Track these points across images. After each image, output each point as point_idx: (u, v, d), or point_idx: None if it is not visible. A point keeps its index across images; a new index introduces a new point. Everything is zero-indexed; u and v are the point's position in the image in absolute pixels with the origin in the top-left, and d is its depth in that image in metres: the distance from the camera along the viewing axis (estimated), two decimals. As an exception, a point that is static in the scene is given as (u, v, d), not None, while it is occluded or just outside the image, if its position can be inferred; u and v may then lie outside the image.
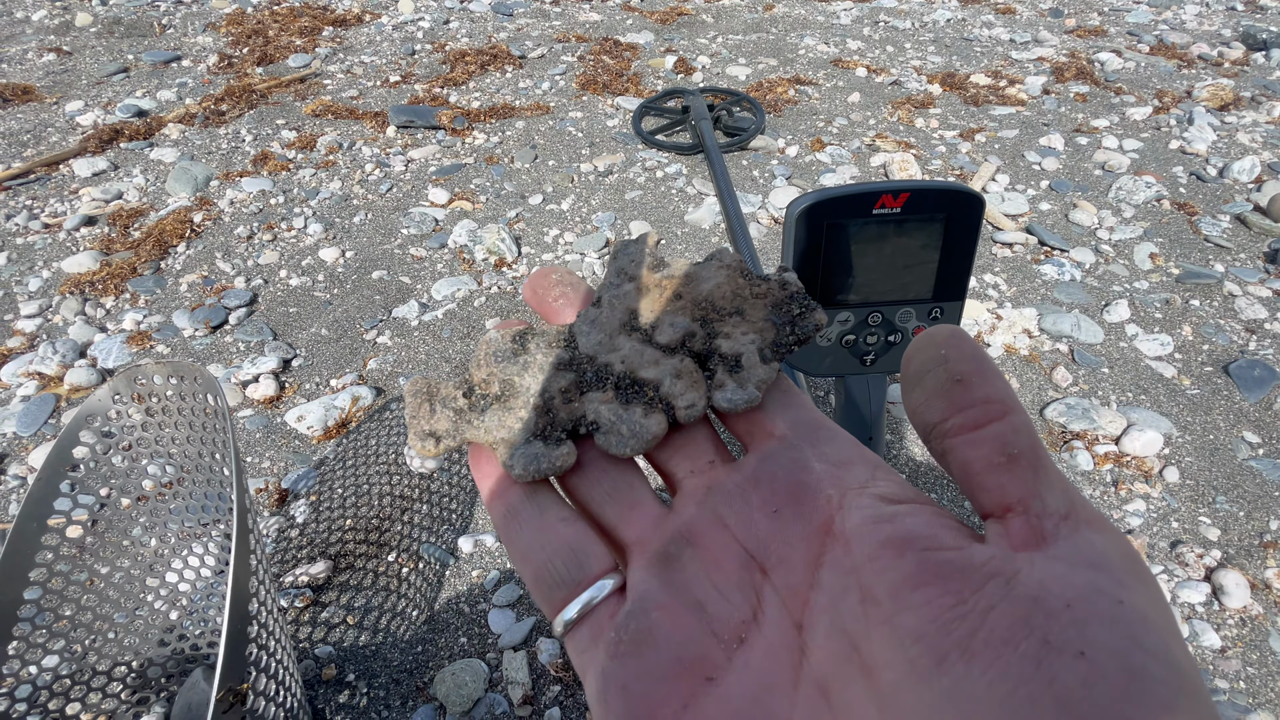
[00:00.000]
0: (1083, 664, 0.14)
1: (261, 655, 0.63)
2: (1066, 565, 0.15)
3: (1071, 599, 0.15)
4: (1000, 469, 0.17)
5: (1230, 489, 1.11)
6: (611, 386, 0.22)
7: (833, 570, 0.17)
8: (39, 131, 2.03)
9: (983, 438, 0.17)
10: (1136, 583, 0.15)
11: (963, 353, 0.18)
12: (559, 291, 0.24)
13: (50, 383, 1.29)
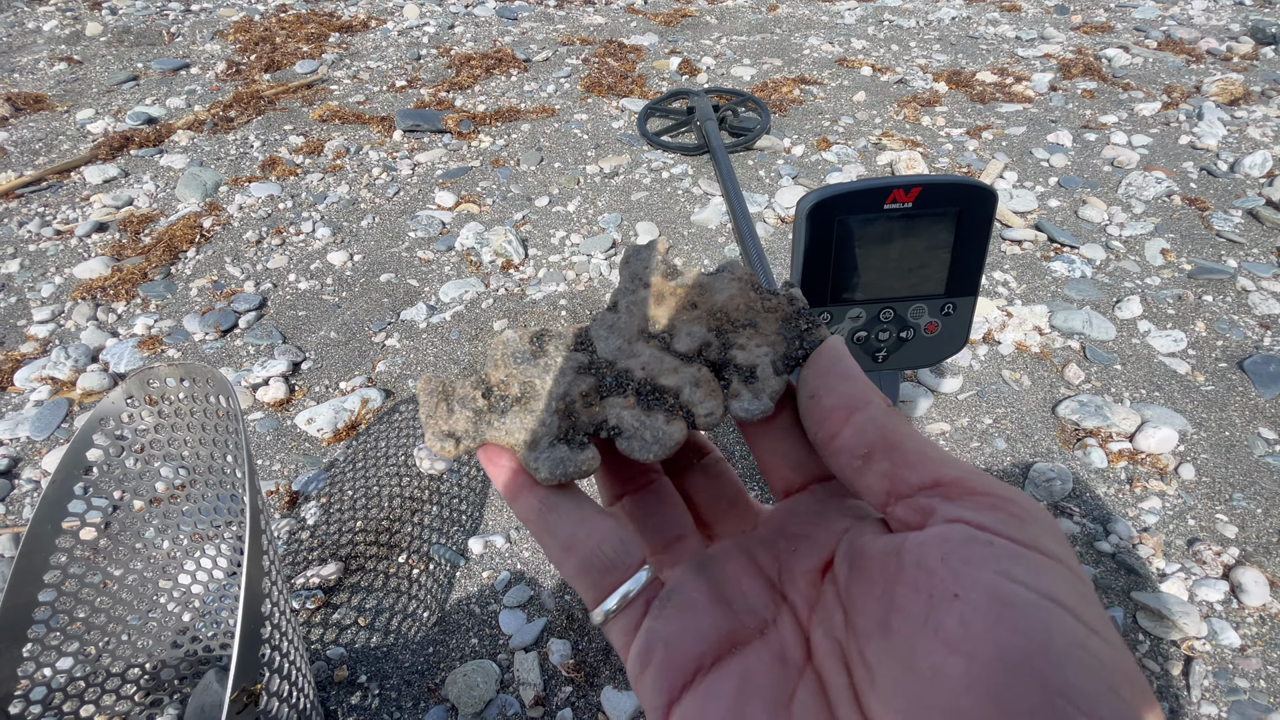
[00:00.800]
0: (958, 604, 0.15)
1: (274, 656, 0.63)
2: (944, 527, 0.17)
3: (946, 553, 0.16)
4: (860, 471, 0.19)
5: (1247, 486, 1.10)
6: (633, 392, 0.22)
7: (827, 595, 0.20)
8: (51, 139, 2.05)
9: (839, 447, 0.20)
10: (1007, 522, 0.17)
11: (817, 368, 0.21)
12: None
13: (63, 387, 1.30)
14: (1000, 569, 0.15)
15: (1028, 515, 0.17)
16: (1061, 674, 0.14)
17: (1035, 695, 0.14)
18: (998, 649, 0.14)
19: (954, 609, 0.15)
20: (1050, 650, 0.14)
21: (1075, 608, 0.15)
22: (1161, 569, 1.00)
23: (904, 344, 0.61)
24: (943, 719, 0.15)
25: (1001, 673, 0.14)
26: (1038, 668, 0.14)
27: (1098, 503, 1.09)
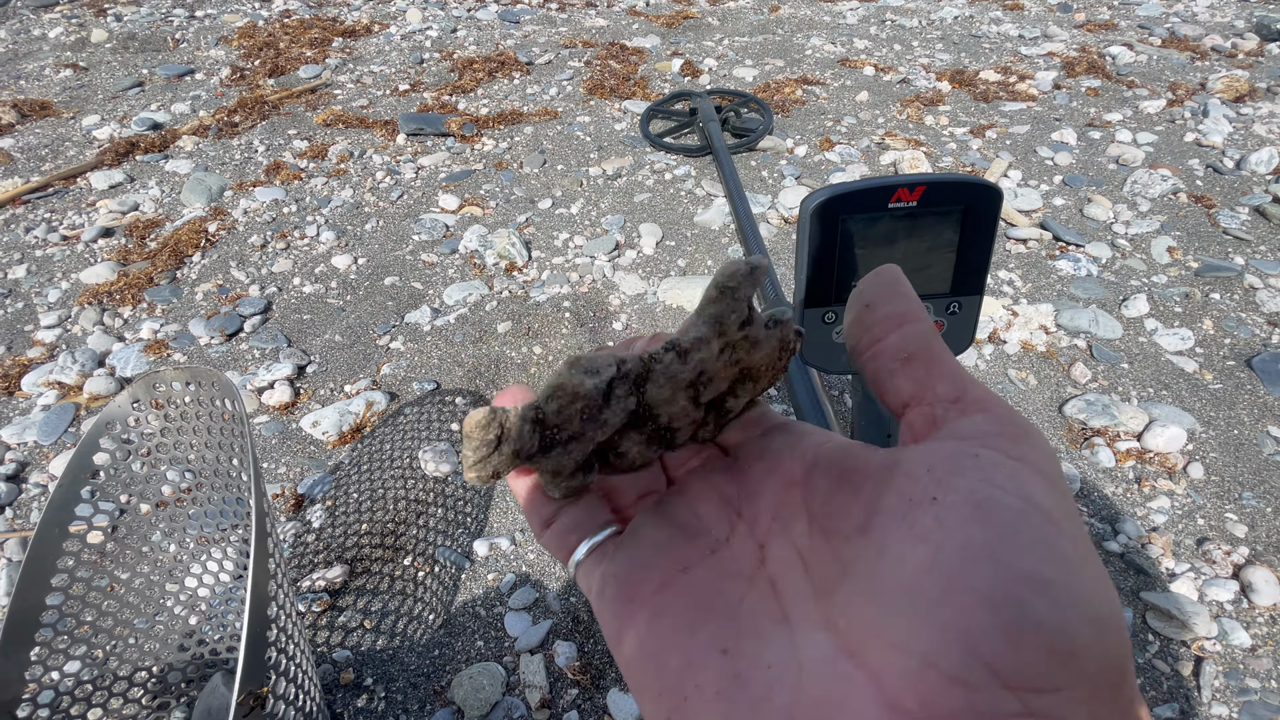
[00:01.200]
0: (936, 507, 0.16)
1: (281, 659, 0.63)
2: (939, 442, 0.18)
3: (933, 464, 0.17)
4: (896, 372, 0.20)
5: (1256, 485, 1.09)
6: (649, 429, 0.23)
7: (789, 506, 0.21)
8: (57, 146, 2.06)
9: (882, 349, 0.20)
10: (1002, 441, 0.17)
11: (876, 282, 0.21)
12: None
13: (70, 392, 1.31)
14: (982, 476, 0.16)
15: (1021, 433, 0.18)
16: (1022, 562, 0.14)
17: (994, 577, 0.14)
18: (965, 539, 0.15)
19: (931, 509, 0.16)
20: (1016, 541, 0.15)
21: (1050, 511, 0.15)
22: (1171, 569, 0.99)
23: (909, 343, 0.61)
24: (902, 595, 0.15)
25: (965, 558, 0.15)
26: (1000, 555, 0.14)
27: (1106, 502, 1.08)
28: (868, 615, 0.16)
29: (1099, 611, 0.14)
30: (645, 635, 0.20)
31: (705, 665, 0.18)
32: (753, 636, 0.18)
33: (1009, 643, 0.14)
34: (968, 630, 0.14)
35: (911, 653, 0.15)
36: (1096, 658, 0.14)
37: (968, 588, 0.14)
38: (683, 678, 0.18)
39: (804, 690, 0.16)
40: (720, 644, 0.18)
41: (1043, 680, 0.13)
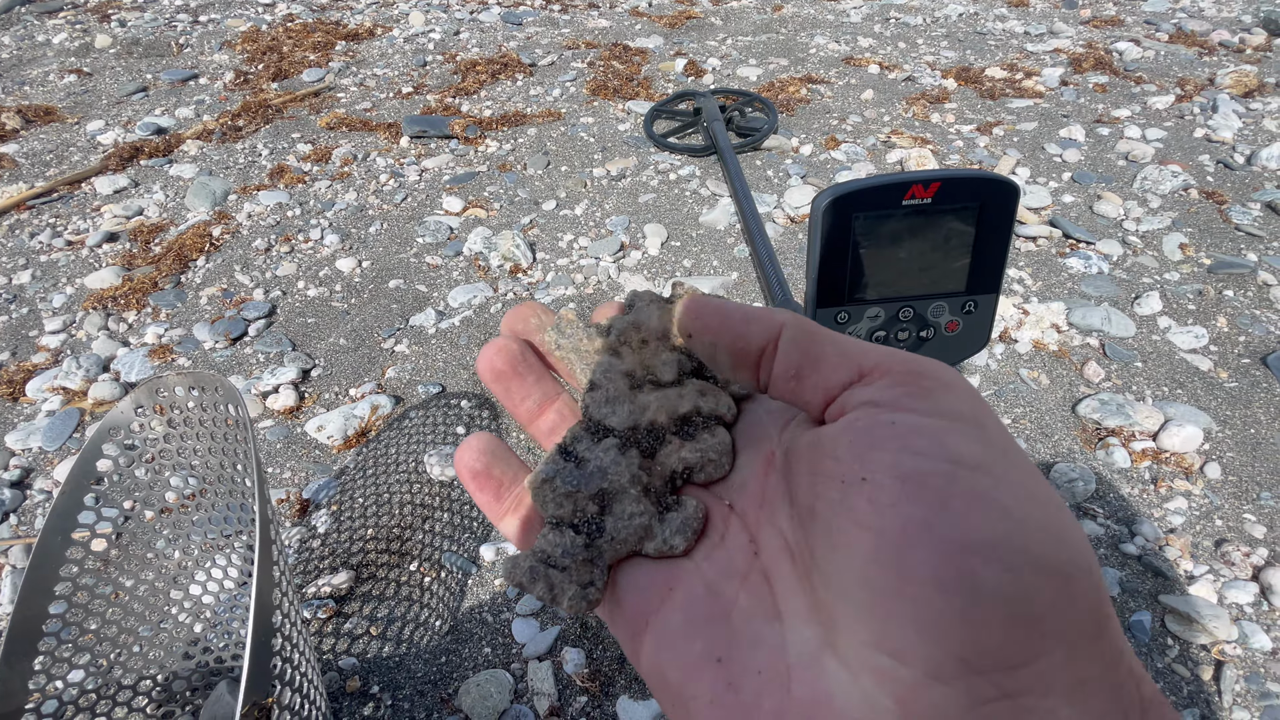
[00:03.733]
0: (867, 487, 0.16)
1: (285, 668, 0.62)
2: (853, 415, 0.18)
3: (852, 439, 0.17)
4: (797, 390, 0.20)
5: (1275, 484, 1.07)
6: (671, 435, 0.23)
7: (772, 492, 0.21)
8: (61, 151, 2.06)
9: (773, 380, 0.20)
10: (911, 399, 0.17)
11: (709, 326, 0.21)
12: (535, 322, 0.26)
13: (74, 397, 1.30)
14: (902, 445, 0.16)
15: (936, 384, 0.17)
16: (959, 529, 0.14)
17: (936, 556, 0.14)
18: (901, 520, 0.15)
19: (863, 491, 0.16)
20: (950, 510, 0.14)
21: (979, 463, 0.15)
22: (1189, 571, 0.97)
23: (924, 343, 0.60)
24: (859, 588, 0.15)
25: (905, 542, 0.14)
26: (936, 529, 0.14)
27: (1122, 504, 1.06)
28: (839, 609, 0.16)
29: (1057, 559, 0.13)
30: (652, 651, 0.20)
31: (701, 676, 0.18)
32: (745, 642, 0.18)
33: (967, 625, 0.13)
34: (926, 621, 0.14)
35: (882, 650, 0.15)
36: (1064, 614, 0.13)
37: (914, 575, 0.14)
38: (683, 689, 0.19)
39: (791, 694, 0.17)
40: (715, 653, 0.19)
41: (1013, 656, 0.13)
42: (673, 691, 0.19)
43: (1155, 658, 0.89)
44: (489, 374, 0.25)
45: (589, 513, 0.23)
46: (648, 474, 0.23)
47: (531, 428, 0.25)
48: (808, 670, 0.17)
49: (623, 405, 0.24)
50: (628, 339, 0.25)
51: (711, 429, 0.23)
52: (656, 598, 0.21)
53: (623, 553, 0.22)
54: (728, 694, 0.18)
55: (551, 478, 0.23)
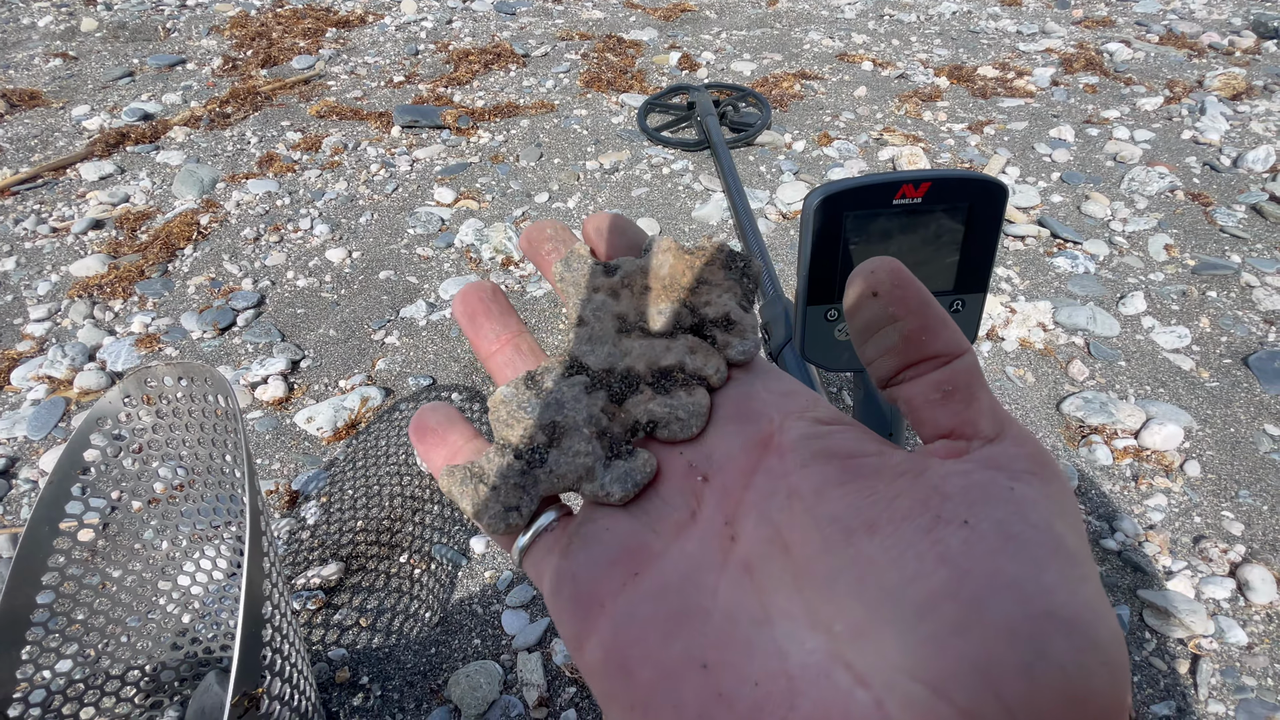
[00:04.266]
0: (966, 530, 0.15)
1: (275, 659, 0.63)
2: (973, 465, 0.17)
3: (967, 485, 0.17)
4: (935, 405, 0.19)
5: (1253, 483, 1.09)
6: (646, 386, 0.23)
7: (766, 475, 0.19)
8: (46, 136, 2.03)
9: (924, 379, 0.19)
10: (1035, 478, 0.17)
11: (908, 307, 0.19)
12: (551, 246, 0.26)
13: (60, 386, 1.29)
14: (1015, 510, 0.16)
15: (1052, 472, 0.17)
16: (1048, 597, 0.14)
17: (1019, 613, 0.14)
18: (993, 569, 0.15)
19: (959, 533, 0.15)
20: (1043, 580, 0.14)
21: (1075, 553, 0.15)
22: (1168, 566, 0.99)
23: (912, 341, 0.60)
24: (914, 614, 0.15)
25: (991, 589, 0.14)
26: (1027, 591, 0.14)
27: (1103, 500, 1.08)
28: (868, 625, 0.15)
29: (1114, 656, 0.14)
30: (611, 643, 0.18)
31: (683, 682, 0.17)
32: (734, 646, 0.17)
33: (1027, 682, 0.13)
34: (987, 664, 0.14)
35: (921, 679, 0.14)
36: (1105, 701, 0.14)
37: (991, 621, 0.14)
38: (657, 694, 0.17)
39: (797, 709, 0.15)
40: (699, 656, 0.17)
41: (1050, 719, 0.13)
42: (640, 693, 0.17)
43: (1133, 651, 0.91)
44: (463, 315, 0.25)
45: (536, 441, 0.22)
46: (609, 418, 0.22)
47: (489, 362, 0.25)
48: (815, 685, 0.15)
49: (603, 346, 0.23)
50: (632, 282, 0.24)
51: (690, 388, 0.22)
52: (618, 578, 0.19)
53: (559, 488, 0.22)
54: (718, 707, 0.16)
55: (509, 400, 0.23)
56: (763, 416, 0.21)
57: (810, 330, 0.62)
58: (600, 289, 0.24)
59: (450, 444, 0.24)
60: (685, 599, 0.18)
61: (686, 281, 0.24)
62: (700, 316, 0.24)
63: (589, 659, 0.18)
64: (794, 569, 0.17)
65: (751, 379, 0.23)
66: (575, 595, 0.19)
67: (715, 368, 0.23)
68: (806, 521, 0.18)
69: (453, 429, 0.24)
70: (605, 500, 0.21)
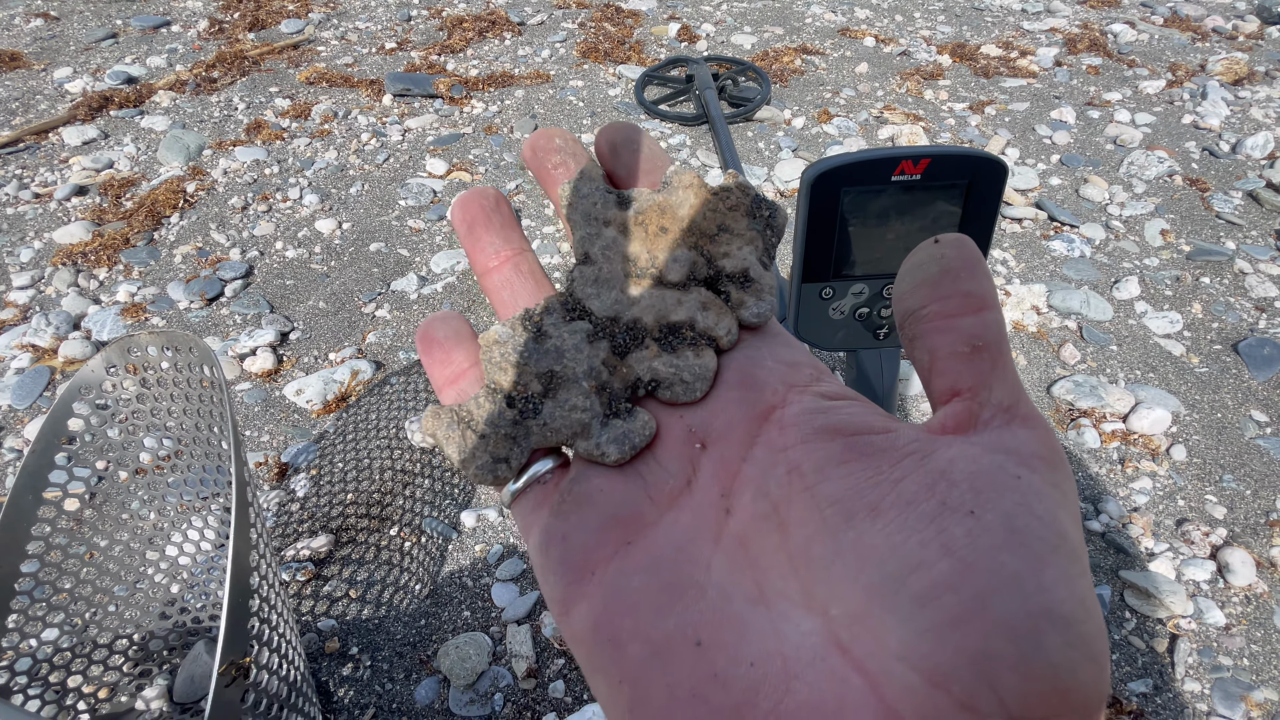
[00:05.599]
0: (971, 520, 0.15)
1: (263, 629, 0.63)
2: (981, 449, 0.17)
3: (974, 472, 0.16)
4: (961, 357, 0.18)
5: (1237, 467, 1.11)
6: (652, 340, 0.21)
7: (766, 447, 0.19)
8: (27, 99, 1.97)
9: (952, 326, 0.18)
10: (1044, 466, 0.17)
11: (962, 252, 0.19)
12: (559, 159, 0.23)
13: (44, 355, 1.27)
14: (1022, 502, 0.16)
15: (1059, 460, 0.17)
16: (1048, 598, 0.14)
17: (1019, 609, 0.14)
18: (996, 564, 0.15)
19: (965, 522, 0.15)
20: (1044, 577, 0.15)
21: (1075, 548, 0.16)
22: (1150, 548, 1.01)
23: (907, 321, 0.60)
24: (914, 604, 0.15)
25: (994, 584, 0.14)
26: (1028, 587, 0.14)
27: (1090, 482, 1.09)
28: (866, 611, 0.15)
29: (1099, 650, 0.15)
30: (601, 613, 0.18)
31: (677, 659, 0.16)
32: (728, 625, 0.16)
33: (1021, 676, 0.14)
34: (986, 658, 0.14)
35: (918, 669, 0.14)
36: (1089, 692, 0.14)
37: (991, 615, 0.14)
38: (648, 671, 0.17)
39: (793, 693, 0.15)
40: (693, 633, 0.17)
41: (1039, 712, 0.14)
42: (630, 668, 0.17)
43: (1113, 630, 0.93)
44: (461, 223, 0.23)
45: (531, 390, 0.21)
46: (610, 372, 0.21)
47: (485, 280, 0.23)
48: (811, 668, 0.15)
49: (610, 291, 0.22)
50: (647, 220, 0.22)
51: (699, 349, 0.21)
52: (610, 545, 0.19)
53: (552, 441, 0.21)
54: (713, 688, 0.16)
55: (504, 341, 0.21)
56: (767, 386, 0.20)
57: (804, 308, 0.61)
58: (611, 223, 0.22)
59: (455, 363, 0.22)
60: (678, 572, 0.18)
61: (707, 226, 0.22)
62: (717, 268, 0.22)
63: (575, 626, 0.18)
64: (790, 548, 0.17)
65: (759, 343, 0.22)
66: (564, 558, 0.19)
67: (727, 329, 0.21)
68: (806, 500, 0.17)
69: (459, 346, 0.22)
70: (600, 460, 0.20)
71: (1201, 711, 0.86)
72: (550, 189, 0.23)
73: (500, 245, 0.23)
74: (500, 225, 0.23)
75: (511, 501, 0.21)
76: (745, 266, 0.22)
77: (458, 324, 0.23)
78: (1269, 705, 0.86)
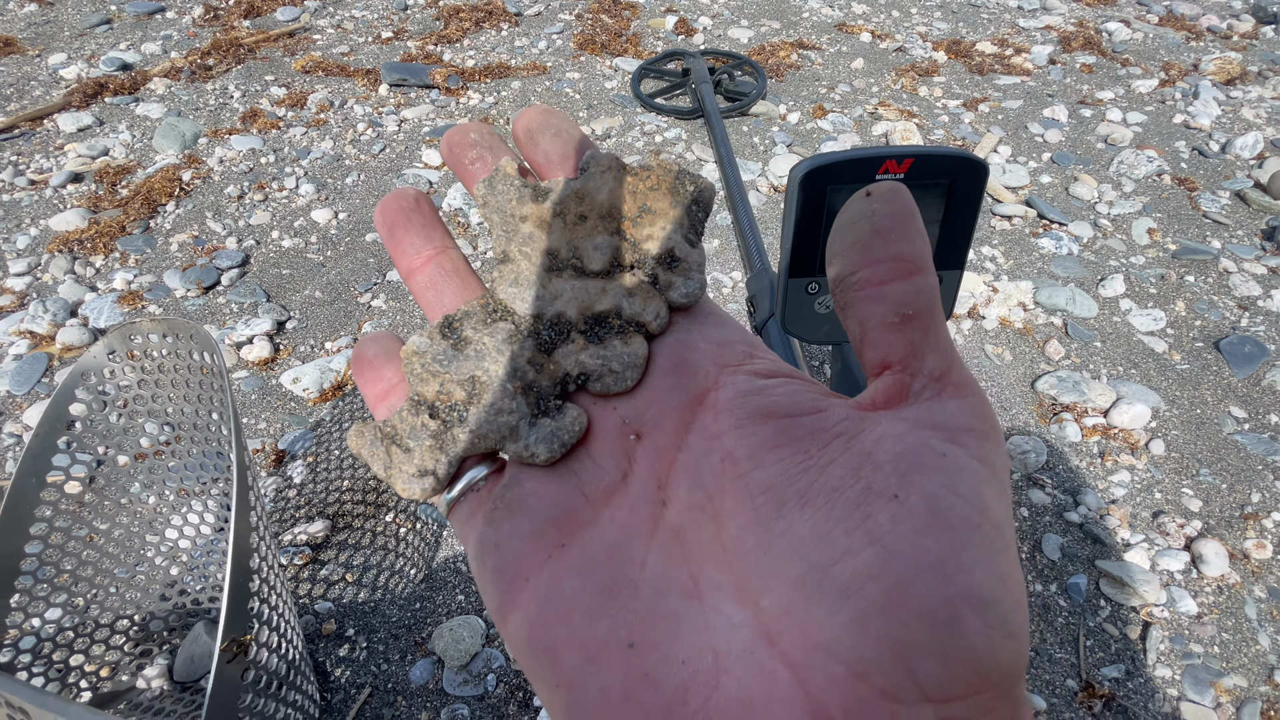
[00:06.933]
0: (895, 505, 0.15)
1: (263, 608, 0.64)
2: (908, 425, 0.17)
3: (900, 452, 0.16)
4: (891, 328, 0.18)
5: (1214, 462, 1.14)
6: (577, 334, 0.21)
7: (700, 434, 0.18)
8: (22, 85, 1.97)
9: (883, 294, 0.18)
10: (972, 439, 0.16)
11: (893, 206, 0.18)
12: (476, 153, 0.23)
13: (42, 341, 1.28)
14: (946, 481, 0.15)
15: (988, 428, 0.17)
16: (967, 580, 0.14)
17: (938, 594, 0.14)
18: (918, 549, 0.15)
19: (889, 507, 0.15)
20: (964, 559, 0.15)
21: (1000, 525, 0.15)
22: (1126, 539, 1.04)
23: (890, 316, 0.62)
24: (838, 595, 0.15)
25: (915, 571, 0.14)
26: (948, 571, 0.14)
27: (1069, 475, 1.12)
28: (794, 603, 0.15)
29: (1017, 627, 0.15)
30: (536, 621, 0.17)
31: (609, 663, 0.16)
32: (661, 622, 0.16)
33: (940, 663, 0.14)
34: (905, 647, 0.14)
35: (842, 660, 0.14)
36: (1007, 668, 0.14)
37: (911, 603, 0.14)
38: (583, 675, 0.16)
39: (722, 688, 0.15)
40: (625, 635, 0.16)
41: (959, 692, 0.14)
42: (564, 674, 0.17)
43: (1088, 617, 0.96)
44: (382, 225, 0.22)
45: (454, 398, 0.20)
46: (536, 370, 0.20)
47: (410, 281, 0.22)
48: (741, 660, 0.15)
49: (531, 289, 0.21)
50: (566, 210, 0.21)
51: (627, 337, 0.20)
52: (544, 550, 0.18)
53: (481, 448, 0.20)
54: (644, 688, 0.16)
55: (423, 351, 0.21)
56: (699, 369, 0.20)
57: (791, 302, 0.64)
58: (528, 219, 0.21)
59: (384, 380, 0.22)
60: (613, 572, 0.17)
61: (628, 209, 0.21)
62: (641, 252, 0.21)
63: (513, 633, 0.18)
64: (724, 539, 0.17)
65: (690, 325, 0.21)
66: (499, 567, 0.19)
67: (655, 313, 0.21)
68: (739, 489, 0.17)
69: (389, 363, 0.22)
70: (530, 461, 0.20)
71: (1172, 697, 0.89)
72: (470, 185, 0.23)
73: (421, 245, 0.22)
74: (421, 225, 0.22)
75: (448, 511, 0.21)
76: (670, 247, 0.21)
77: (387, 341, 0.22)
78: (1238, 691, 0.89)
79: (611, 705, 0.16)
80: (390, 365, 0.22)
